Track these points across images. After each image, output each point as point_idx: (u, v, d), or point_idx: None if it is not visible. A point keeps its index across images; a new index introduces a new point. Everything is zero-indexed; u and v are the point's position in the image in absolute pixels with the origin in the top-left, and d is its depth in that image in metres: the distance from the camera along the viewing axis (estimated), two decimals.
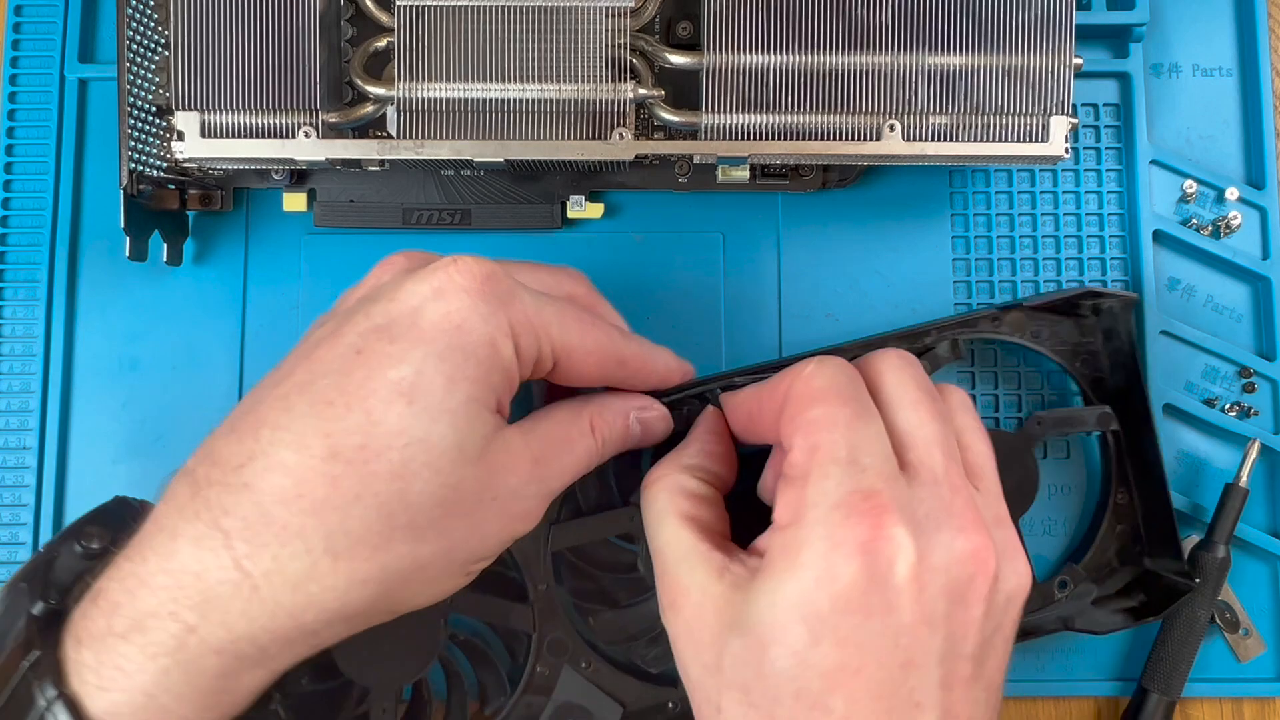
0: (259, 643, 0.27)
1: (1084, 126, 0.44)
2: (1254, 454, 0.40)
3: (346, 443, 0.27)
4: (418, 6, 0.36)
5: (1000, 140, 0.37)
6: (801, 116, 0.37)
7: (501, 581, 0.38)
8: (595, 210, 0.43)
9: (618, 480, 0.39)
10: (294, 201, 0.42)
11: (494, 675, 0.39)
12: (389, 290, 0.29)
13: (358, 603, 0.28)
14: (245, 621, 0.27)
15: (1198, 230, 0.43)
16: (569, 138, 0.37)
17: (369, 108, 0.37)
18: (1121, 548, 0.41)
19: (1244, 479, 0.40)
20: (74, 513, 0.42)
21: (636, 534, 0.37)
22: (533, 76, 0.36)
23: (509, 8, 0.36)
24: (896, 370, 0.31)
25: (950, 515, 0.28)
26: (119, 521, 0.32)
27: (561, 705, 0.37)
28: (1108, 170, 0.44)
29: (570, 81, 0.37)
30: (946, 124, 0.37)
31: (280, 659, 0.28)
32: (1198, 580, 0.39)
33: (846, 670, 0.27)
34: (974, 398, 0.39)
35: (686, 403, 0.37)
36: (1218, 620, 0.41)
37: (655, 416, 0.35)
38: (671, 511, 0.32)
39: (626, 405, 0.34)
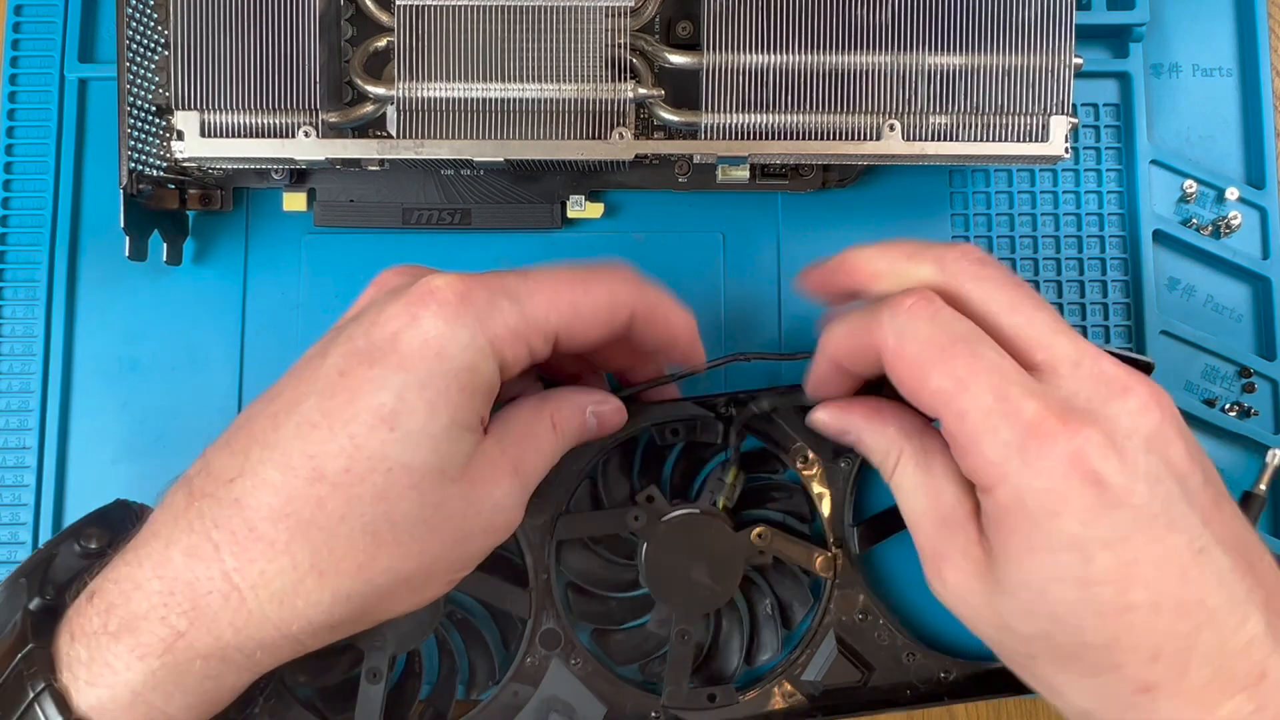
0: (245, 650, 0.28)
1: (1084, 126, 0.44)
2: (1275, 462, 0.40)
3: (331, 466, 0.28)
4: (418, 6, 0.36)
5: (1000, 140, 0.37)
6: (801, 116, 0.37)
7: (505, 564, 0.38)
8: (595, 210, 0.43)
9: (640, 476, 0.39)
10: (294, 201, 0.42)
11: (485, 659, 0.39)
12: (371, 312, 0.30)
13: (342, 615, 0.29)
14: (232, 631, 0.28)
15: (1198, 230, 0.43)
16: (569, 138, 0.37)
17: (369, 107, 0.37)
18: None
19: (1263, 487, 0.40)
20: (74, 513, 0.42)
21: (639, 534, 0.37)
22: (533, 76, 0.36)
23: (509, 8, 0.36)
24: (979, 281, 0.31)
25: (1103, 384, 0.29)
26: (119, 524, 0.33)
27: (547, 698, 0.37)
28: (1108, 170, 0.44)
29: (570, 81, 0.37)
30: (946, 124, 0.37)
31: (265, 664, 0.29)
32: None
33: (1125, 563, 0.27)
34: None
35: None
36: None
37: (610, 410, 0.35)
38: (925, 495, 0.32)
39: (584, 400, 0.34)
